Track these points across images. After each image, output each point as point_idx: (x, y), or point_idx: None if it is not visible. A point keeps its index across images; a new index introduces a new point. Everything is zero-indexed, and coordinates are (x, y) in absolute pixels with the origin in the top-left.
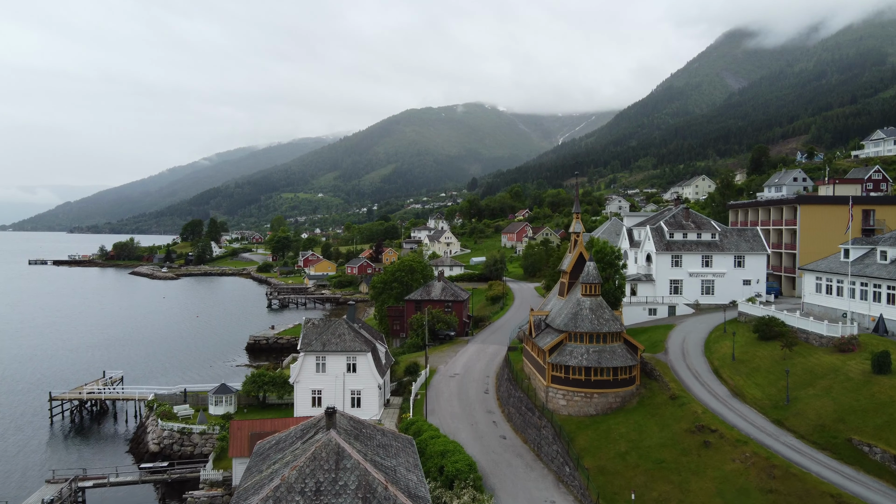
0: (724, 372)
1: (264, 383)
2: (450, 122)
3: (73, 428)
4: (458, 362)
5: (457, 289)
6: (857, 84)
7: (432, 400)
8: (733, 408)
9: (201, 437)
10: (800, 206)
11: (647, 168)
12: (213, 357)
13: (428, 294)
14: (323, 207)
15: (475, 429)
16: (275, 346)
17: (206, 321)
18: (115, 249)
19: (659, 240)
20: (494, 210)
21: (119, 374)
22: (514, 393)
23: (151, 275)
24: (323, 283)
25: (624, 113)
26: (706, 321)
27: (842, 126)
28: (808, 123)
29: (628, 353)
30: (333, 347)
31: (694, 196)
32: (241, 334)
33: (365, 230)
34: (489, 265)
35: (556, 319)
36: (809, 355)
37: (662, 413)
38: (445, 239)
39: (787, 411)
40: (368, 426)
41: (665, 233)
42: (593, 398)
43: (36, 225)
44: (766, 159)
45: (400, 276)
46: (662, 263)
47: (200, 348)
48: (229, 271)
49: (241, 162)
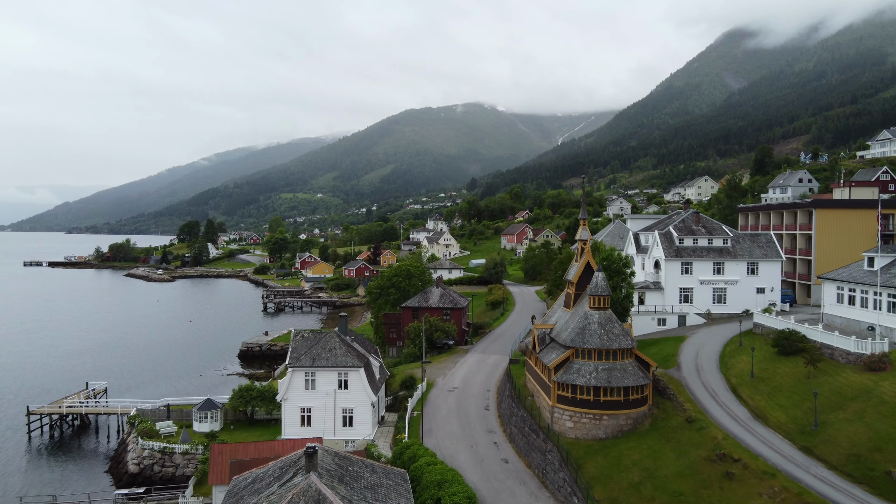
0: (743, 391)
1: (252, 398)
2: (449, 123)
3: (52, 445)
4: (457, 374)
5: (455, 295)
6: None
7: (429, 417)
8: (756, 433)
9: (183, 458)
10: (815, 210)
11: (647, 168)
12: (205, 365)
13: (426, 301)
14: (322, 208)
15: (475, 451)
16: (268, 353)
17: (198, 326)
18: (111, 251)
19: (668, 246)
20: (494, 211)
21: (103, 385)
22: (517, 412)
23: (147, 277)
24: (320, 286)
25: (624, 113)
26: (720, 333)
27: (842, 126)
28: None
29: (640, 370)
30: (324, 363)
31: (697, 197)
32: (234, 340)
33: (363, 231)
34: (489, 268)
35: (562, 334)
36: (836, 374)
37: (679, 438)
38: (444, 240)
39: (816, 438)
40: (356, 462)
41: (674, 238)
42: (603, 420)
43: (34, 225)
44: (770, 160)
45: (397, 281)
46: (672, 271)
47: (191, 355)
48: (226, 273)
49: (240, 162)
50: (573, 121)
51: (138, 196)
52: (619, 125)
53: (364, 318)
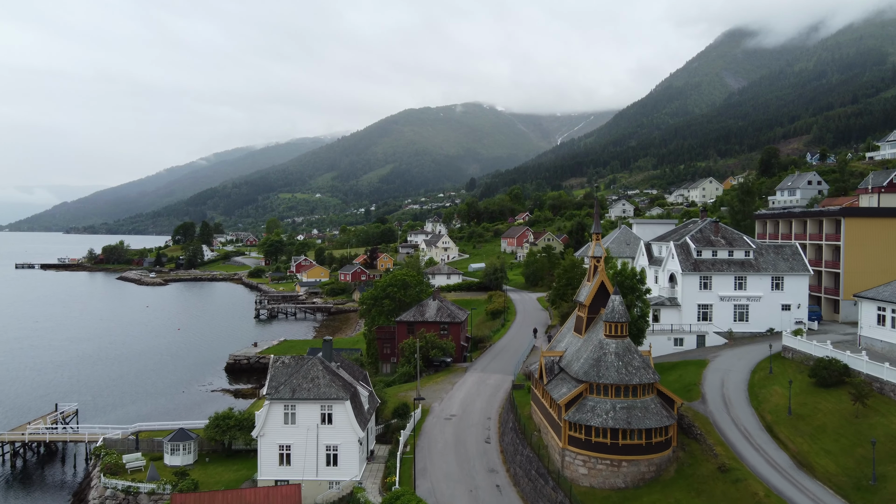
0: (780, 431)
1: (229, 427)
2: (448, 122)
3: (14, 475)
4: (455, 398)
5: (453, 308)
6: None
7: (424, 453)
8: (802, 486)
9: (150, 499)
10: (844, 218)
11: (647, 168)
12: (189, 379)
13: (422, 315)
14: (320, 208)
15: (475, 497)
16: (256, 367)
17: (187, 334)
18: (105, 253)
19: (685, 258)
20: (494, 213)
21: (73, 408)
22: (522, 450)
23: (139, 280)
24: (315, 290)
25: (623, 113)
26: (745, 356)
27: (844, 126)
28: (809, 123)
29: (663, 408)
30: (305, 394)
31: (701, 199)
32: (222, 351)
33: (361, 233)
34: (489, 274)
35: (574, 364)
36: (891, 414)
37: (711, 491)
38: (443, 244)
39: (876, 496)
40: None
41: (692, 250)
42: (622, 467)
43: (32, 225)
44: (777, 161)
45: (392, 291)
46: (689, 286)
47: (177, 368)
48: (220, 276)
49: (238, 162)
50: (572, 121)
51: (137, 196)
52: (619, 125)
53: (359, 326)
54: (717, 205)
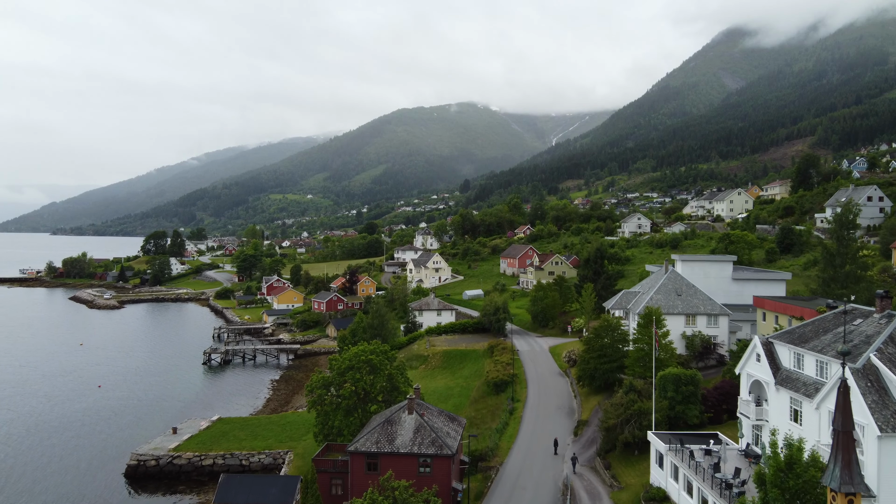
0: None
1: None
2: (442, 122)
3: None
4: None
5: (441, 424)
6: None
7: None
8: None
9: None
10: None
11: (647, 170)
12: (74, 491)
13: (390, 440)
14: (312, 209)
15: None
16: (168, 472)
17: (106, 395)
18: (65, 266)
19: (878, 401)
20: (490, 225)
21: None
22: None
23: (92, 302)
24: (285, 321)
25: (619, 113)
26: None
27: (849, 127)
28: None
29: None
30: None
31: (729, 213)
32: (131, 438)
33: (346, 244)
34: (488, 314)
35: None
36: None
37: None
38: (434, 263)
39: None
40: None
41: (887, 381)
42: None
43: (20, 226)
44: (817, 171)
45: (353, 377)
46: (892, 453)
47: (62, 468)
48: (185, 296)
49: (230, 162)
50: (567, 121)
51: (126, 196)
52: (616, 125)
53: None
54: (749, 221)
